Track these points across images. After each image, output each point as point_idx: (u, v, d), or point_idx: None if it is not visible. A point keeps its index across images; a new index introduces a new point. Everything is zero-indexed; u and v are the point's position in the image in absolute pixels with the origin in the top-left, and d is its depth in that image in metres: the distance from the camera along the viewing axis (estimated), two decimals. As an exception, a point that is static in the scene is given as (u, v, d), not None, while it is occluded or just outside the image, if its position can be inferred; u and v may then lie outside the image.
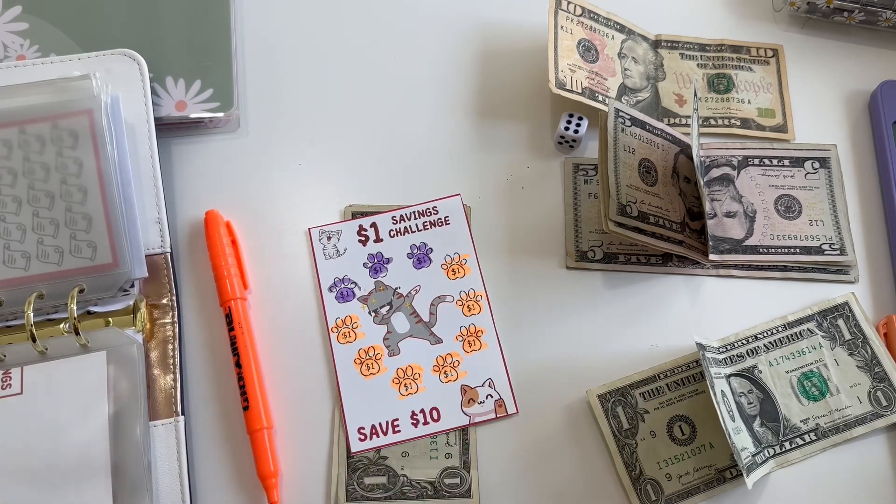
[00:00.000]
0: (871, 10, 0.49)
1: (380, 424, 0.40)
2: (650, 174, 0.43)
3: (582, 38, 0.47)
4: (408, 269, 0.44)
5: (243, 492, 0.39)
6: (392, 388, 0.41)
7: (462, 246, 0.44)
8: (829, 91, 0.50)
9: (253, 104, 0.47)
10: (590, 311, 0.43)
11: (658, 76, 0.49)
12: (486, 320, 0.43)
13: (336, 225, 0.44)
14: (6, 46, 0.45)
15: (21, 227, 0.40)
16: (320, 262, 0.44)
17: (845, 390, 0.41)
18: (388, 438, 0.40)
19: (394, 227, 0.44)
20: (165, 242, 0.42)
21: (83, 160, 0.40)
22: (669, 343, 0.43)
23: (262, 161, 0.46)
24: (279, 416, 0.40)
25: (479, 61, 0.50)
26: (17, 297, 0.39)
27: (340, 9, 0.50)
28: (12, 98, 0.41)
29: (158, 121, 0.44)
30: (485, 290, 0.43)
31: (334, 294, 0.43)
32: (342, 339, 0.42)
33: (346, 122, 0.47)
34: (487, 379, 0.41)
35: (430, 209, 0.45)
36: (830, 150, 0.47)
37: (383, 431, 0.40)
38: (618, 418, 0.41)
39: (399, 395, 0.41)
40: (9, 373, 0.38)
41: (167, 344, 0.41)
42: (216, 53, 0.46)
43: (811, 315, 0.43)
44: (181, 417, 0.39)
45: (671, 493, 0.39)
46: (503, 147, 0.47)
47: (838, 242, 0.45)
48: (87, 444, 0.37)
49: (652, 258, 0.44)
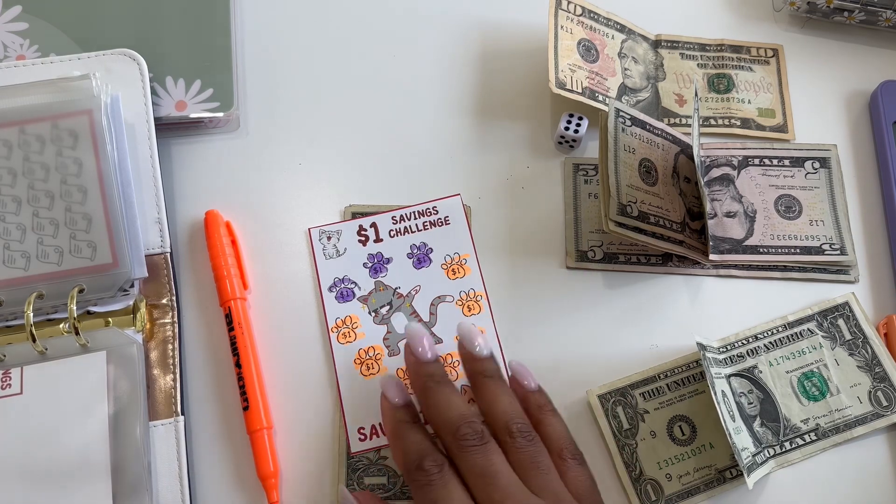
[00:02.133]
0: (871, 10, 0.49)
1: (380, 424, 0.40)
2: (650, 174, 0.43)
3: (582, 38, 0.47)
4: (408, 269, 0.44)
5: (243, 492, 0.39)
6: None
7: (462, 246, 0.44)
8: (829, 91, 0.50)
9: (253, 104, 0.47)
10: (590, 311, 0.43)
11: (658, 76, 0.49)
12: (486, 320, 0.43)
13: (336, 225, 0.44)
14: (6, 46, 0.45)
15: (21, 227, 0.40)
16: (320, 261, 0.44)
17: (845, 390, 0.41)
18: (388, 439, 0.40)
19: (394, 227, 0.44)
20: (165, 242, 0.42)
21: (83, 160, 0.40)
22: (669, 343, 0.43)
23: (261, 161, 0.46)
24: (279, 416, 0.40)
25: (479, 61, 0.50)
26: (16, 297, 0.39)
27: (340, 9, 0.50)
28: (12, 98, 0.41)
29: (158, 121, 0.44)
30: (485, 290, 0.43)
31: (334, 294, 0.43)
32: (342, 339, 0.42)
33: (347, 122, 0.47)
34: None
35: (430, 209, 0.45)
36: (830, 150, 0.47)
37: (383, 431, 0.40)
38: (618, 418, 0.41)
39: None
40: (8, 373, 0.38)
41: (167, 344, 0.41)
42: (216, 53, 0.46)
43: (811, 315, 0.43)
44: (181, 417, 0.39)
45: (671, 493, 0.39)
46: (503, 147, 0.47)
47: (838, 242, 0.45)
48: (86, 445, 0.37)
49: (652, 258, 0.44)
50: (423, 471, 0.33)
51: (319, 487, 0.39)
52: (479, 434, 0.34)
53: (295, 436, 0.40)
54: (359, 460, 0.39)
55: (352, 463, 0.39)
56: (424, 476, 0.33)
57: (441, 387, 0.36)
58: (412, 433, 0.35)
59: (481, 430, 0.34)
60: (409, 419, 0.36)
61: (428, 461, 0.34)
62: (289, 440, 0.40)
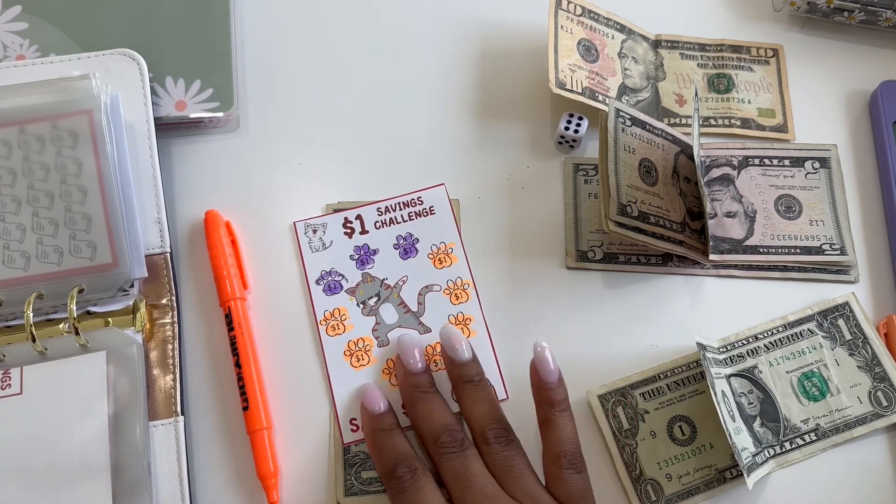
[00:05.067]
0: (871, 10, 0.49)
1: None
2: (650, 174, 0.43)
3: (582, 38, 0.47)
4: (394, 260, 0.44)
5: (243, 492, 0.39)
6: (383, 379, 0.41)
7: (448, 235, 0.44)
8: (829, 91, 0.50)
9: (253, 104, 0.47)
10: (590, 311, 0.43)
11: (658, 76, 0.49)
12: (475, 308, 0.43)
13: (321, 218, 0.45)
14: (6, 46, 0.45)
15: (21, 227, 0.40)
16: (306, 255, 0.44)
17: (846, 390, 0.41)
18: None
19: (379, 219, 0.45)
20: (165, 242, 0.42)
21: (83, 160, 0.40)
22: (669, 343, 0.43)
23: (262, 161, 0.46)
24: (279, 416, 0.40)
25: (479, 61, 0.50)
26: (16, 297, 0.39)
27: (340, 9, 0.50)
28: (12, 98, 0.41)
29: (158, 121, 0.44)
30: (472, 278, 0.43)
31: (322, 287, 0.43)
32: (331, 332, 0.42)
33: (346, 122, 0.47)
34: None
35: (415, 199, 0.45)
36: (830, 150, 0.47)
37: None
38: (618, 418, 0.41)
39: (390, 385, 0.41)
40: (8, 373, 0.38)
41: (167, 344, 0.40)
42: (216, 53, 0.46)
43: (811, 315, 0.43)
44: (181, 417, 0.39)
45: (671, 493, 0.39)
46: (503, 147, 0.47)
47: (838, 242, 0.45)
48: (86, 445, 0.37)
49: (652, 258, 0.44)
50: (396, 477, 0.35)
51: (319, 487, 0.39)
52: (459, 442, 0.36)
53: (295, 435, 0.40)
54: (355, 455, 0.39)
55: (349, 458, 0.39)
56: (398, 483, 0.35)
57: (427, 397, 0.38)
58: (387, 440, 0.37)
59: (461, 438, 0.37)
60: (387, 427, 0.38)
61: (401, 468, 0.36)
62: (288, 440, 0.40)
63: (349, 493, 0.39)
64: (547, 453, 0.36)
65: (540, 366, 0.37)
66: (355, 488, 0.39)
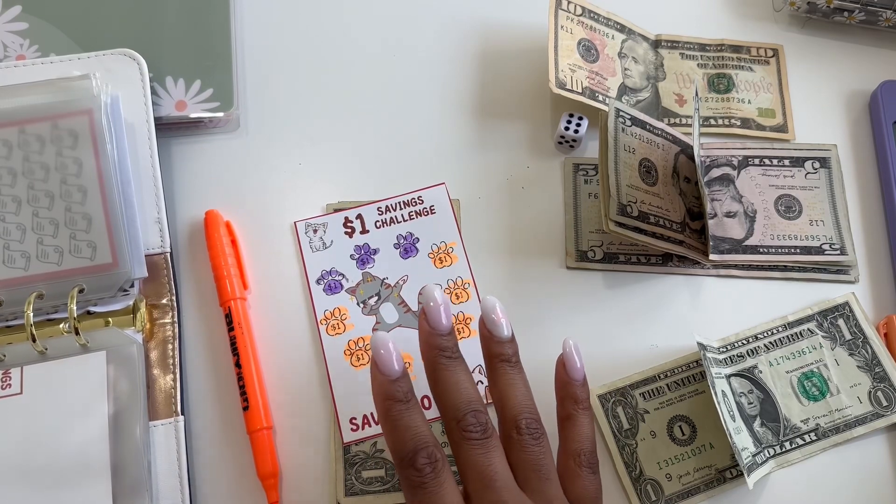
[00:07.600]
0: (871, 10, 0.49)
1: (371, 414, 0.40)
2: (650, 174, 0.43)
3: (582, 38, 0.47)
4: (395, 260, 0.44)
5: (243, 492, 0.39)
6: None
7: (448, 234, 0.44)
8: (829, 91, 0.50)
9: (253, 104, 0.47)
10: (590, 311, 0.43)
11: (658, 76, 0.49)
12: (475, 308, 0.43)
13: (322, 217, 0.45)
14: (6, 46, 0.45)
15: (21, 227, 0.40)
16: (307, 254, 0.44)
17: (845, 390, 0.41)
18: (380, 428, 0.40)
19: (379, 218, 0.45)
20: (165, 242, 0.42)
21: (83, 160, 0.40)
22: (669, 343, 0.43)
23: (262, 161, 0.46)
24: (279, 416, 0.40)
25: (479, 61, 0.50)
26: (16, 297, 0.39)
27: (340, 9, 0.50)
28: (12, 98, 0.41)
29: (158, 121, 0.44)
30: (472, 277, 0.43)
31: (322, 286, 0.43)
32: (331, 331, 0.42)
33: (347, 123, 0.47)
34: (477, 365, 0.41)
35: (416, 199, 0.45)
36: (830, 150, 0.47)
37: (375, 421, 0.40)
38: (618, 418, 0.41)
39: None
40: (8, 373, 0.38)
41: (167, 344, 0.41)
42: (216, 53, 0.46)
43: (811, 315, 0.43)
44: (181, 417, 0.39)
45: (671, 493, 0.39)
46: (503, 147, 0.47)
47: (838, 242, 0.45)
48: (86, 445, 0.37)
49: (652, 258, 0.44)
50: (415, 469, 0.32)
51: (319, 487, 0.39)
52: (483, 427, 0.33)
53: (295, 435, 0.40)
54: (355, 454, 0.39)
55: (349, 458, 0.39)
56: (417, 475, 0.32)
57: (452, 364, 0.34)
58: (405, 418, 0.33)
59: (486, 422, 0.33)
60: (403, 397, 0.33)
61: (422, 457, 0.32)
62: (288, 440, 0.40)
63: (349, 493, 0.39)
64: (565, 449, 0.35)
65: (567, 362, 0.36)
66: (355, 488, 0.39)
